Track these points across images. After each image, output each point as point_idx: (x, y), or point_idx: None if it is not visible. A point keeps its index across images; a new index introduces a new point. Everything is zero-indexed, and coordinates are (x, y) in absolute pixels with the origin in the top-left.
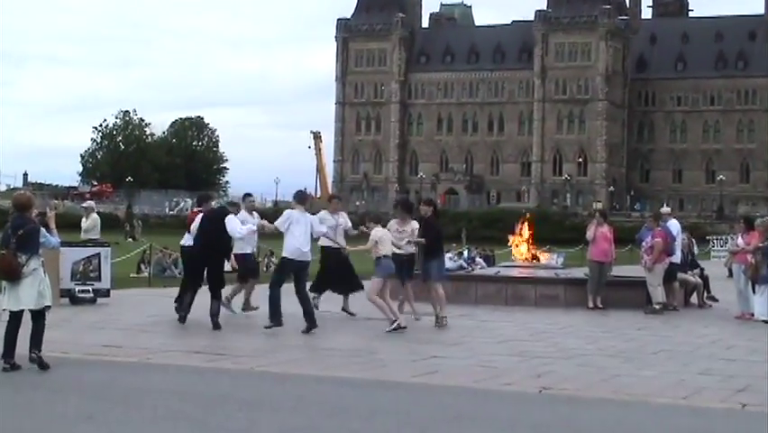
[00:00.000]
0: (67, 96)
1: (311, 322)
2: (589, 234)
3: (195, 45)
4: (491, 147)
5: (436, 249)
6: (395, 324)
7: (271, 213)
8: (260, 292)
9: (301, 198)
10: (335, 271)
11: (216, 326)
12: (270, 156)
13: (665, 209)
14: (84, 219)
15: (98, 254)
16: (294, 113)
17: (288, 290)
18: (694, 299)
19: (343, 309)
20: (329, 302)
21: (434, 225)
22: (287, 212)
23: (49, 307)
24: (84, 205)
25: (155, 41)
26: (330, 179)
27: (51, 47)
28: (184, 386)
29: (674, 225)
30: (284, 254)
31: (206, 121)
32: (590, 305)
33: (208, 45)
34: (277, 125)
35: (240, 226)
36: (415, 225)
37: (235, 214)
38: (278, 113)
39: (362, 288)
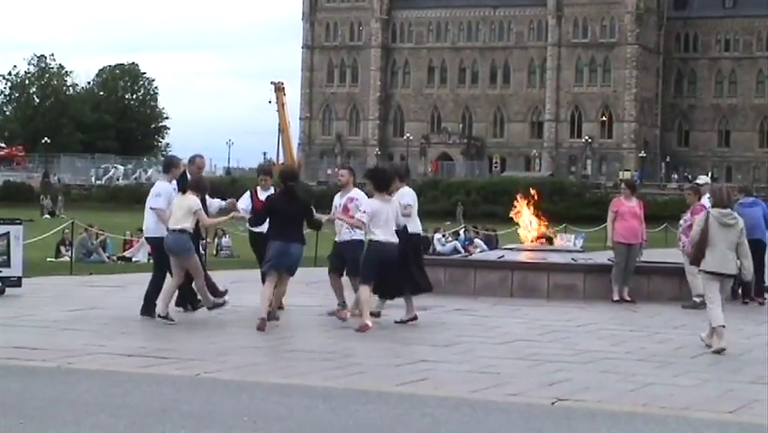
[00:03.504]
0: None
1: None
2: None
3: None
4: (494, 102)
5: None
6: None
7: (228, 183)
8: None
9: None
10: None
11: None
12: (222, 113)
13: (704, 178)
14: None
15: (7, 234)
16: (252, 59)
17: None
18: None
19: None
20: (304, 296)
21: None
22: None
23: None
24: None
25: None
26: (295, 142)
27: None
28: (114, 397)
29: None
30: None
31: (142, 69)
32: (616, 297)
33: None
34: (230, 75)
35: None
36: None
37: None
38: (232, 59)
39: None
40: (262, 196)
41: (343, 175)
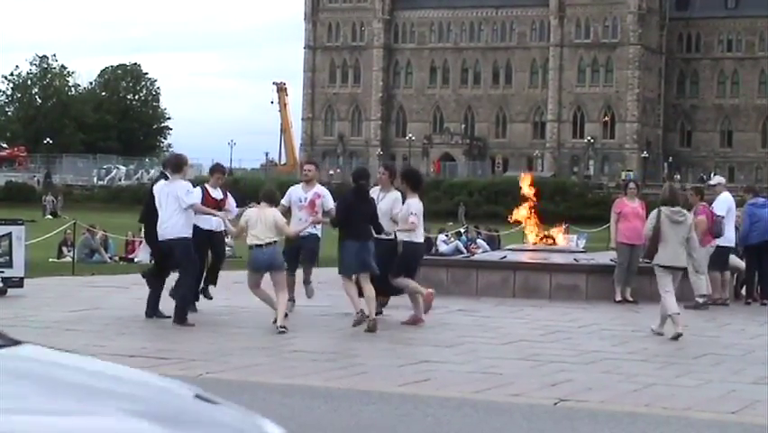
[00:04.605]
0: None
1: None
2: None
3: None
4: (496, 103)
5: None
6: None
7: (231, 183)
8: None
9: (173, 164)
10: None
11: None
12: (224, 113)
13: (718, 179)
14: None
15: (9, 235)
16: (254, 59)
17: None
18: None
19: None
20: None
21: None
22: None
23: None
24: None
25: None
26: (297, 142)
27: None
28: None
29: (725, 200)
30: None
31: (144, 69)
32: (618, 298)
33: None
34: (232, 75)
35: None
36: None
37: None
38: (234, 59)
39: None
40: (213, 193)
41: (311, 170)
